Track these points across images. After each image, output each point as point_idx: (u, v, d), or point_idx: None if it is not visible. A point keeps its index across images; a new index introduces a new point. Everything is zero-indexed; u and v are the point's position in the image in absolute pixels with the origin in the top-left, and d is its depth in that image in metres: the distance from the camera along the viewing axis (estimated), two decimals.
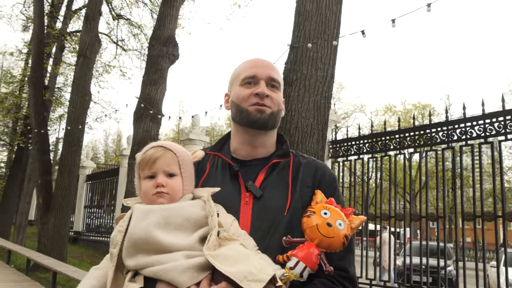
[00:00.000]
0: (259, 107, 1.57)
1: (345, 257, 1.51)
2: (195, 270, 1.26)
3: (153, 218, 1.32)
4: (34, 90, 12.01)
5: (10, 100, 23.47)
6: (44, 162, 11.59)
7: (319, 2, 5.39)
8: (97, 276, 1.40)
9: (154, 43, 9.10)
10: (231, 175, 1.59)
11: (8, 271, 10.31)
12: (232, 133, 1.71)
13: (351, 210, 1.48)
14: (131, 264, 1.31)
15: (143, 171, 1.45)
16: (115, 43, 20.16)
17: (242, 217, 1.49)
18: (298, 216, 1.47)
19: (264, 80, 1.61)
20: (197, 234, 1.34)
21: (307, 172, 1.61)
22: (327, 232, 1.37)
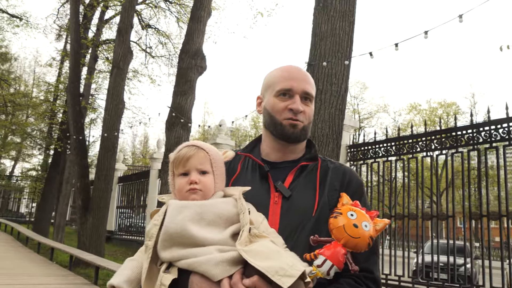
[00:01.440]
0: (292, 122, 1.63)
1: (370, 258, 1.56)
2: (228, 264, 1.30)
3: (187, 213, 1.38)
4: (72, 99, 12.94)
5: (45, 106, 24.73)
6: (82, 166, 12.49)
7: (333, 23, 5.99)
8: (132, 267, 1.46)
9: (184, 56, 9.85)
10: (261, 175, 1.65)
11: (52, 266, 11.21)
12: (263, 137, 1.78)
13: (376, 213, 1.52)
14: (166, 256, 1.37)
15: (177, 168, 1.52)
16: (144, 50, 21.11)
17: (271, 216, 1.55)
18: (324, 217, 1.52)
19: (299, 94, 1.65)
20: (229, 230, 1.39)
21: (335, 176, 1.67)
22: (353, 232, 1.41)
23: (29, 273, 9.83)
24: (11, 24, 23.01)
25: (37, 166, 31.20)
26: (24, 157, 39.55)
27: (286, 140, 1.65)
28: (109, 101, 12.49)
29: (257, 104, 1.80)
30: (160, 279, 1.35)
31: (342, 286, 1.47)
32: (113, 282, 1.41)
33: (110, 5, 18.15)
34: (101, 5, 17.93)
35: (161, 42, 19.41)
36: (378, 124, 41.54)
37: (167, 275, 1.34)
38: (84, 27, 18.28)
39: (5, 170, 39.31)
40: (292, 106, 1.62)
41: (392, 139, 8.42)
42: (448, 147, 7.41)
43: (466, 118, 34.06)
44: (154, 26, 19.25)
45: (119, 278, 1.43)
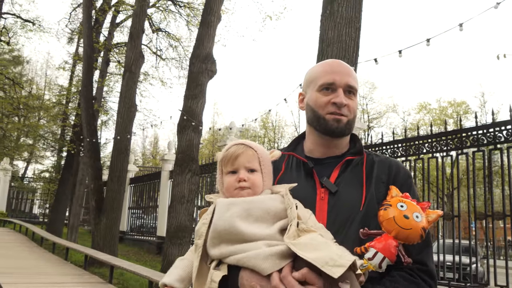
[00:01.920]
0: (336, 117, 1.61)
1: (423, 250, 1.52)
2: (277, 257, 1.31)
3: (235, 210, 1.39)
4: (85, 102, 13.27)
5: (57, 108, 25.16)
6: (95, 168, 12.80)
7: (340, 30, 6.19)
8: (183, 266, 1.50)
9: (194, 61, 10.10)
10: (305, 172, 1.65)
11: (67, 266, 11.51)
12: (307, 134, 1.76)
13: (428, 204, 1.49)
14: (215, 254, 1.38)
15: (226, 166, 1.53)
16: (154, 53, 21.42)
17: (318, 212, 1.54)
18: (373, 211, 1.51)
19: (342, 87, 1.63)
20: (277, 226, 1.39)
21: (381, 169, 1.64)
22: (404, 224, 1.38)
23: (46, 273, 10.13)
24: (24, 28, 23.46)
25: (50, 167, 31.69)
26: (36, 159, 40.17)
27: (330, 135, 1.63)
28: (122, 105, 12.79)
29: (299, 100, 1.78)
30: (210, 276, 1.37)
31: (395, 279, 1.44)
32: (165, 281, 1.46)
33: (121, 10, 18.47)
34: (112, 9, 18.26)
35: (171, 45, 19.71)
36: (387, 123, 41.58)
37: (217, 272, 1.36)
38: (96, 31, 18.62)
39: (18, 172, 39.90)
40: (335, 100, 1.60)
41: (398, 141, 8.57)
42: (454, 148, 7.56)
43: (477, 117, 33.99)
44: (165, 30, 19.54)
45: (170, 277, 1.47)
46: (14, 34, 24.47)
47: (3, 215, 26.45)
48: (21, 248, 14.96)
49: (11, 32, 23.75)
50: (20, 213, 30.80)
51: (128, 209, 20.76)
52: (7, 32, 22.85)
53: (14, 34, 24.52)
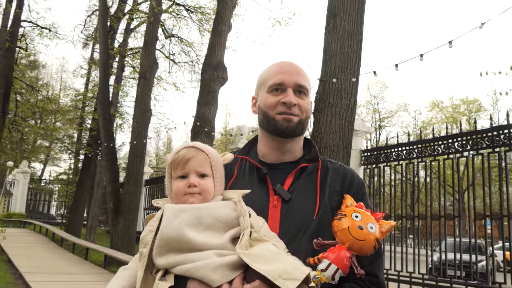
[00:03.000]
0: (286, 116, 1.57)
1: (375, 261, 1.52)
2: (227, 268, 1.26)
3: (184, 217, 1.33)
4: (102, 108, 13.81)
5: (74, 112, 25.88)
6: (113, 172, 13.34)
7: (342, 42, 6.58)
8: (126, 277, 1.40)
9: (206, 69, 10.56)
10: (259, 178, 1.60)
11: (87, 265, 12.07)
12: (260, 138, 1.72)
13: (381, 214, 1.48)
14: (161, 263, 1.32)
15: (175, 171, 1.46)
16: (167, 57, 21.96)
17: (271, 220, 1.50)
18: (326, 220, 1.49)
19: (292, 87, 1.60)
20: (229, 234, 1.35)
21: (335, 177, 1.61)
22: (358, 235, 1.37)
23: (68, 272, 10.68)
24: (41, 35, 24.15)
25: (67, 170, 32.46)
26: (53, 160, 41.10)
27: (280, 135, 1.59)
28: (137, 110, 13.32)
29: (252, 104, 1.74)
30: (155, 287, 1.30)
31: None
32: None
33: (135, 17, 19.02)
34: (126, 16, 18.82)
35: (184, 51, 20.23)
36: (399, 122, 41.69)
37: (163, 282, 1.29)
38: (111, 38, 19.22)
39: (35, 174, 40.79)
40: (284, 100, 1.57)
41: (413, 143, 8.77)
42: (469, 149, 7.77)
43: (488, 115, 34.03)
44: (177, 35, 20.07)
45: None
46: (31, 40, 25.22)
47: (23, 217, 27.23)
48: (43, 249, 15.59)
49: (28, 38, 24.48)
50: (38, 214, 31.54)
51: (144, 210, 21.28)
52: (24, 39, 23.56)
53: (32, 40, 25.27)
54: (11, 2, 18.13)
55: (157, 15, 13.77)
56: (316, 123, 6.36)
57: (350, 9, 6.71)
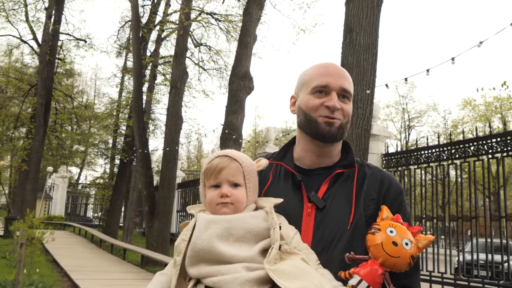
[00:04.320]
0: (328, 120, 1.53)
1: (411, 275, 1.47)
2: (254, 283, 1.26)
3: (215, 229, 1.34)
4: (137, 117, 14.64)
5: (109, 119, 27.03)
6: (147, 176, 14.13)
7: (358, 56, 7.06)
8: (162, 282, 1.44)
9: (234, 79, 11.19)
10: (293, 184, 1.57)
11: (125, 265, 12.88)
12: (297, 139, 1.68)
13: (419, 228, 1.43)
14: (193, 273, 1.34)
15: (209, 180, 1.47)
16: (196, 64, 22.76)
17: (304, 228, 1.48)
18: (360, 230, 1.45)
19: (336, 91, 1.56)
20: (258, 246, 1.35)
21: (372, 183, 1.56)
22: (392, 251, 1.33)
23: (108, 271, 11.49)
24: (77, 46, 25.35)
25: (103, 174, 33.76)
26: (89, 165, 42.68)
27: (321, 139, 1.55)
28: (169, 118, 14.07)
29: (291, 104, 1.70)
30: None
31: None
32: None
33: (165, 28, 19.88)
34: (157, 27, 19.69)
35: (213, 60, 20.98)
36: (429, 122, 41.33)
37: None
38: (143, 48, 20.14)
39: (73, 178, 42.41)
40: (328, 103, 1.53)
41: (444, 145, 8.94)
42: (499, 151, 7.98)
43: None
44: (205, 44, 20.83)
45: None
46: (68, 51, 26.49)
47: (62, 219, 28.55)
48: (83, 249, 16.55)
49: (65, 49, 25.76)
50: (76, 216, 32.86)
51: (177, 212, 22.11)
52: (62, 50, 24.81)
53: (68, 52, 26.54)
54: (50, 18, 19.28)
55: (186, 27, 14.50)
56: None
57: (365, 24, 7.17)
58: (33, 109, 21.27)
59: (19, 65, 30.75)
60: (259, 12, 11.93)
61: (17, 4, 21.42)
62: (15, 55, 29.75)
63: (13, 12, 21.74)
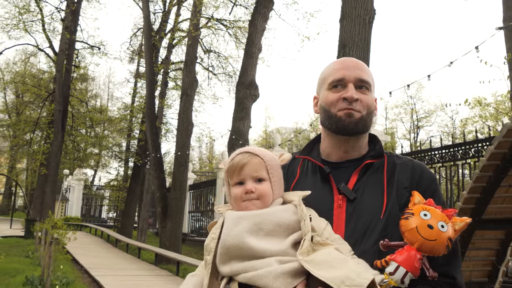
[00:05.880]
0: (348, 111, 1.51)
1: (451, 262, 1.41)
2: (289, 276, 1.24)
3: (244, 225, 1.33)
4: (150, 122, 15.43)
5: (122, 123, 27.98)
6: (160, 179, 14.91)
7: None
8: (193, 283, 1.43)
9: (240, 88, 11.91)
10: (322, 178, 1.56)
11: (140, 263, 13.67)
12: (322, 137, 1.67)
13: (454, 211, 1.37)
14: (225, 271, 1.33)
15: (232, 178, 1.46)
16: (206, 69, 23.53)
17: (336, 220, 1.45)
18: (394, 219, 1.40)
19: (353, 82, 1.54)
20: (290, 239, 1.32)
21: (403, 172, 1.53)
22: (428, 234, 1.29)
23: (124, 268, 12.29)
24: (92, 53, 26.30)
25: (117, 176, 34.75)
26: (103, 167, 43.75)
27: (343, 132, 1.53)
28: (180, 123, 14.84)
29: (314, 104, 1.70)
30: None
31: None
32: None
33: (176, 36, 20.70)
34: (168, 36, 20.52)
35: (222, 66, 21.77)
36: (438, 121, 41.59)
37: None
38: (155, 55, 20.96)
39: (88, 180, 43.51)
40: (345, 95, 1.52)
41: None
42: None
43: None
44: (215, 51, 21.63)
45: None
46: (83, 58, 27.48)
47: (79, 220, 29.50)
48: (100, 249, 17.40)
49: (80, 56, 26.74)
50: (91, 217, 33.80)
51: (188, 213, 22.88)
52: (77, 56, 25.77)
53: (83, 58, 27.53)
54: (67, 29, 20.20)
55: (196, 37, 15.26)
56: None
57: (357, 40, 7.83)
58: (51, 115, 22.23)
59: (34, 70, 31.83)
60: (264, 23, 12.64)
61: (35, 16, 22.45)
62: (32, 62, 30.91)
63: (31, 24, 22.78)
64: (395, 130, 42.58)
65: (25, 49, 27.97)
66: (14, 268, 10.28)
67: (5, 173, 36.82)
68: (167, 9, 21.47)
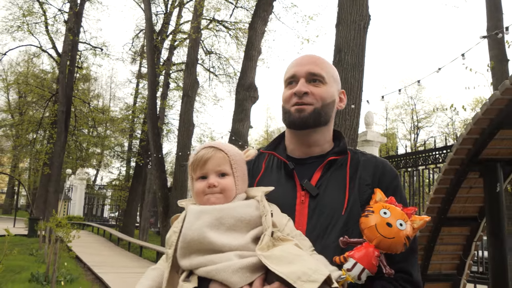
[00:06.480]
0: (298, 107, 1.53)
1: (408, 258, 1.44)
2: (247, 270, 1.26)
3: (206, 219, 1.33)
4: (151, 123, 15.70)
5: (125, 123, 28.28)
6: (161, 179, 15.19)
7: (346, 73, 7.96)
8: (154, 277, 1.45)
9: (239, 90, 12.18)
10: (286, 174, 1.56)
11: (142, 261, 13.94)
12: (285, 134, 1.70)
13: (414, 209, 1.40)
14: (185, 264, 1.33)
15: (195, 172, 1.46)
16: (207, 70, 23.82)
17: (298, 216, 1.47)
18: (356, 216, 1.42)
19: (304, 77, 1.55)
20: (250, 235, 1.34)
21: (366, 169, 1.54)
22: (386, 232, 1.31)
23: (127, 266, 12.56)
24: (94, 54, 26.60)
25: (119, 176, 35.04)
26: (105, 167, 44.06)
27: (293, 127, 1.56)
28: (181, 124, 15.12)
29: None
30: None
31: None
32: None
33: (177, 38, 20.98)
34: (169, 37, 20.80)
35: (222, 68, 22.06)
36: (438, 122, 41.82)
37: (186, 284, 1.31)
38: (157, 57, 21.24)
39: (90, 179, 43.82)
40: (294, 90, 1.54)
41: (408, 154, 10.09)
42: None
43: None
44: (216, 52, 21.91)
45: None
46: (85, 58, 27.78)
47: (81, 219, 29.79)
48: (102, 247, 17.67)
49: (83, 57, 27.04)
50: (93, 217, 34.06)
51: None
52: (79, 57, 26.07)
53: (86, 58, 27.83)
54: (70, 31, 20.49)
55: (197, 39, 15.53)
56: None
57: (352, 45, 8.08)
58: (54, 115, 22.53)
59: (37, 70, 32.13)
60: (263, 26, 12.89)
61: (39, 18, 22.76)
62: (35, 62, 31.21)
63: (34, 26, 23.10)
64: (395, 130, 42.88)
65: (28, 50, 28.29)
66: (19, 266, 10.57)
67: (8, 173, 37.13)
68: (168, 11, 21.76)
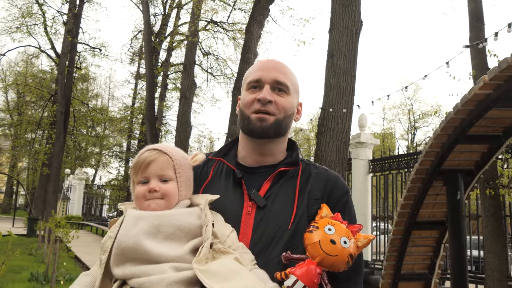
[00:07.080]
0: (260, 115, 1.47)
1: (352, 278, 1.42)
2: (182, 285, 1.19)
3: (143, 226, 1.26)
4: (149, 124, 15.91)
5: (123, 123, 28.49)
6: None
7: (338, 78, 8.16)
8: (85, 283, 1.35)
9: (236, 92, 12.33)
10: (234, 182, 1.51)
11: None
12: (239, 139, 1.62)
13: (359, 227, 1.38)
14: (118, 273, 1.25)
15: (137, 175, 1.39)
16: (205, 71, 24.02)
17: (243, 227, 1.42)
18: (302, 230, 1.38)
19: (269, 83, 1.49)
20: (189, 245, 1.27)
21: (317, 183, 1.50)
22: (330, 249, 1.29)
23: None
24: (93, 54, 26.79)
25: (118, 176, 35.22)
26: (103, 166, 44.25)
27: (252, 135, 1.50)
28: (179, 125, 15.32)
29: (238, 105, 1.62)
30: None
31: None
32: None
33: (175, 40, 21.18)
34: (167, 39, 21.01)
35: (220, 69, 22.28)
36: (434, 122, 42.08)
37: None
38: (155, 58, 21.44)
39: (88, 179, 43.97)
40: (259, 96, 1.48)
41: (391, 157, 10.27)
42: None
43: None
44: (213, 53, 22.12)
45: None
46: (84, 59, 27.97)
47: (80, 219, 29.95)
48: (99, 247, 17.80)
49: (81, 57, 27.23)
50: (91, 216, 34.18)
51: None
52: (78, 57, 26.26)
53: (84, 59, 28.01)
54: (68, 33, 20.68)
55: (194, 42, 15.73)
56: (318, 143, 7.99)
57: (345, 50, 8.28)
58: (53, 116, 22.72)
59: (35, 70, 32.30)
60: (259, 30, 13.08)
61: (38, 19, 22.96)
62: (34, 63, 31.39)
63: (33, 27, 23.30)
64: (393, 130, 43.11)
65: (27, 51, 28.45)
66: (19, 265, 10.74)
67: (6, 172, 37.29)
68: (167, 13, 21.96)
